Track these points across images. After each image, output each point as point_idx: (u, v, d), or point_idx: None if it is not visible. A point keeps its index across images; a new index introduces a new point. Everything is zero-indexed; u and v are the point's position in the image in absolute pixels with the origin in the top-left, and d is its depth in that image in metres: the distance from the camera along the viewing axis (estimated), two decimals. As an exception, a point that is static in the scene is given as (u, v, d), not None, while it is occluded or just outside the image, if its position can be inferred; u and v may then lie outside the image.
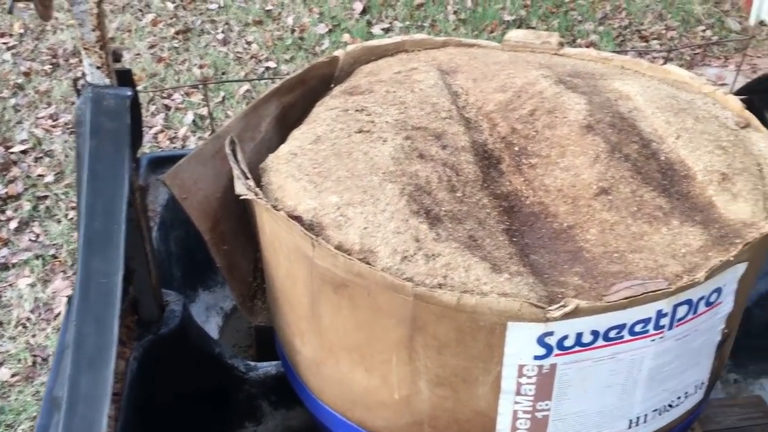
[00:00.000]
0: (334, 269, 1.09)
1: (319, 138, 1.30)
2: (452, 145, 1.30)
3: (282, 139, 1.38)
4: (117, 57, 1.19)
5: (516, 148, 1.33)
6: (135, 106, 1.33)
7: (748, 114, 1.40)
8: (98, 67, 1.14)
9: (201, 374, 1.55)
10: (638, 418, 1.18)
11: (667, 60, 3.89)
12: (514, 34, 1.69)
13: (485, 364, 1.08)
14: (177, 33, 4.53)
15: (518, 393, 1.10)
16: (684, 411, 1.25)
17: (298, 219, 1.14)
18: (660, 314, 1.06)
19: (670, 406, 1.21)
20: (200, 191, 1.30)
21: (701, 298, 1.09)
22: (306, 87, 1.54)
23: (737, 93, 1.83)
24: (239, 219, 1.37)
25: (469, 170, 1.27)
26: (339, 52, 1.60)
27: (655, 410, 1.19)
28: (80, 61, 4.31)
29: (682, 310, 1.07)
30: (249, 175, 1.22)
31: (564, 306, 1.01)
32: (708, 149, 1.29)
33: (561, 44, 1.67)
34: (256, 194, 1.18)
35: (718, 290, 1.10)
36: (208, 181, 1.32)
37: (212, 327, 1.88)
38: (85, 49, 1.12)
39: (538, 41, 1.68)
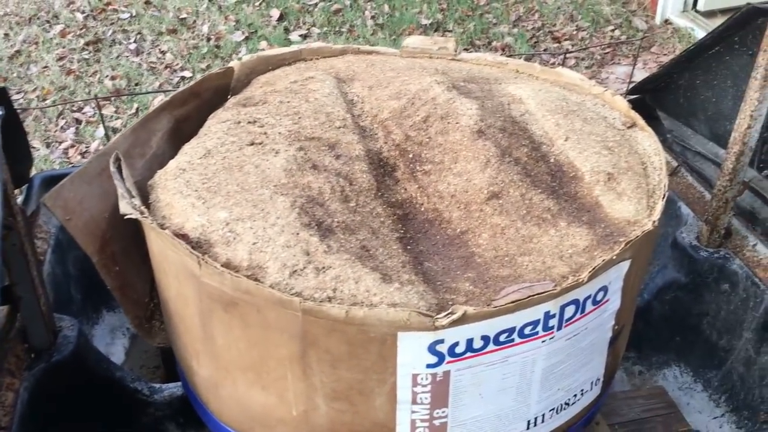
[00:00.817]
0: (222, 287, 1.06)
1: (209, 152, 1.28)
2: (346, 154, 1.29)
3: (176, 153, 1.34)
4: (-14, 76, 1.13)
5: (410, 155, 1.33)
6: (13, 124, 1.28)
7: (633, 114, 1.44)
8: (-35, 87, 1.09)
9: (102, 400, 1.49)
10: (536, 418, 1.19)
11: (564, 62, 3.99)
12: (412, 41, 1.70)
13: (379, 376, 1.07)
14: (87, 44, 4.39)
15: (414, 402, 1.09)
16: (582, 408, 1.27)
17: (184, 237, 1.11)
18: (548, 316, 1.07)
19: (567, 404, 1.23)
20: (86, 212, 1.25)
21: (588, 298, 1.10)
22: (200, 99, 1.50)
23: (630, 92, 1.88)
24: (132, 238, 1.32)
25: (363, 179, 1.26)
26: (234, 63, 1.57)
27: (552, 409, 1.21)
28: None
29: (569, 311, 1.09)
30: (134, 193, 1.19)
31: (452, 313, 1.01)
32: (595, 150, 1.32)
33: (457, 49, 1.69)
34: (141, 213, 1.15)
35: (604, 288, 1.13)
36: (95, 201, 1.27)
37: (118, 349, 1.82)
38: (-52, 68, 1.07)
39: (435, 47, 1.69)
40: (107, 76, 4.14)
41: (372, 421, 1.12)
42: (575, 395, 1.23)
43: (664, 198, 1.22)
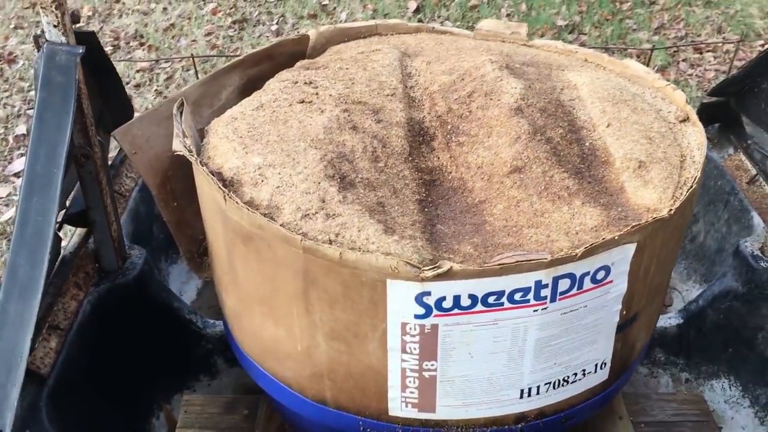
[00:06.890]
0: (241, 221, 1.17)
1: (261, 105, 1.39)
2: (387, 119, 1.37)
3: (243, 108, 1.47)
4: (75, 18, 1.31)
5: (449, 127, 1.38)
6: (105, 68, 1.45)
7: (688, 108, 1.40)
8: (55, 26, 1.26)
9: (158, 326, 1.66)
10: (530, 388, 1.21)
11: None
12: (486, 24, 1.74)
13: (372, 320, 1.14)
14: (234, 22, 4.72)
15: (404, 351, 1.15)
16: (584, 389, 1.27)
17: (218, 175, 1.23)
18: (539, 285, 1.09)
19: (566, 381, 1.23)
20: (151, 149, 1.41)
21: (585, 274, 1.11)
22: (274, 62, 1.63)
23: (710, 94, 1.81)
24: (192, 179, 1.47)
25: (396, 143, 1.33)
26: (311, 32, 1.68)
27: (549, 383, 1.22)
28: (136, 43, 4.54)
29: (564, 284, 1.11)
30: (187, 134, 1.32)
31: (438, 267, 1.06)
32: (633, 138, 1.31)
33: (529, 35, 1.71)
34: (189, 151, 1.28)
35: (606, 268, 1.13)
36: (160, 140, 1.42)
37: (191, 288, 2.00)
38: (42, 8, 1.25)
39: (507, 31, 1.72)
40: (246, 53, 4.42)
41: (366, 365, 1.19)
42: (575, 374, 1.24)
43: (690, 189, 1.20)
